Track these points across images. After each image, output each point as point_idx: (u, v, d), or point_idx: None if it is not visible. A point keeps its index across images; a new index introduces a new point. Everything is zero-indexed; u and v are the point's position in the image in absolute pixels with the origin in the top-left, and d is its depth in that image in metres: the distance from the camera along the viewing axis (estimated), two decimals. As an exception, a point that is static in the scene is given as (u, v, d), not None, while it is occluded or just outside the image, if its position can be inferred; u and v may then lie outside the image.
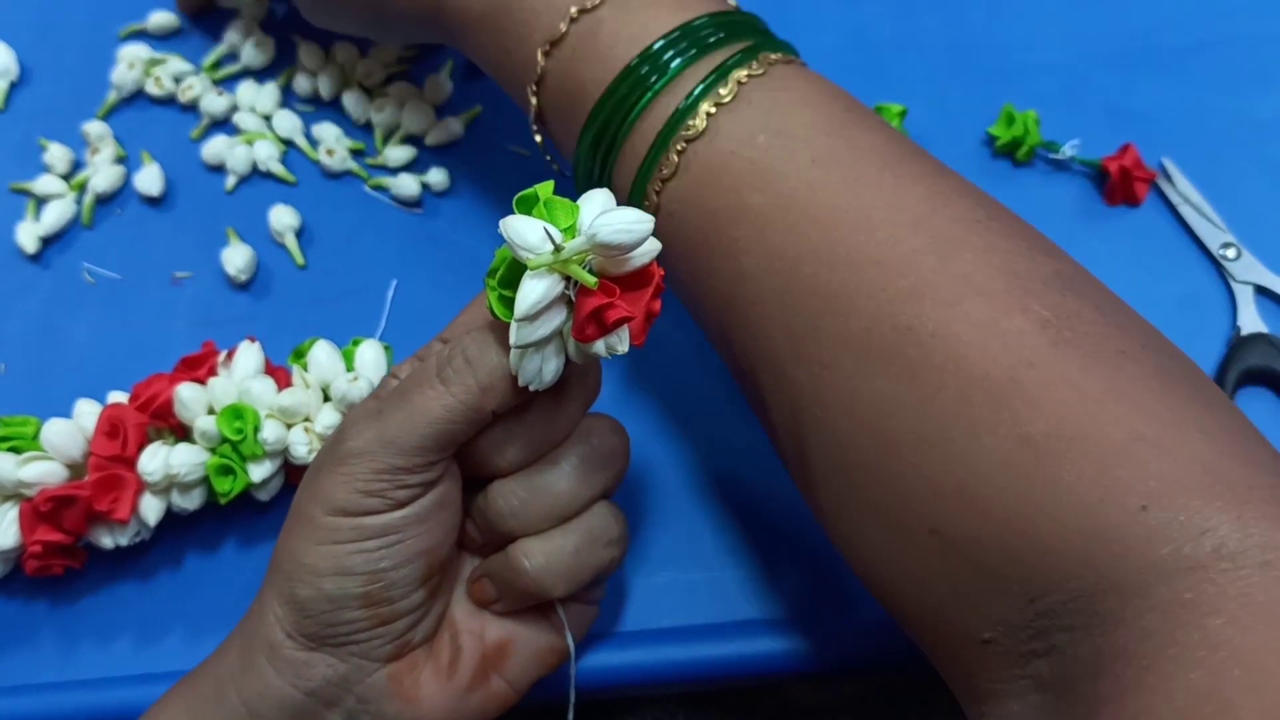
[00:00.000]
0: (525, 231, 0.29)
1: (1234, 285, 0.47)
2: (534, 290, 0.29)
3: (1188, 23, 0.53)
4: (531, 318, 0.29)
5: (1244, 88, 0.52)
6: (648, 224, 0.28)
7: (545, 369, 0.31)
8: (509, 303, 0.30)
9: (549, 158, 0.42)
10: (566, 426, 0.35)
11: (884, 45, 0.54)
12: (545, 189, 0.30)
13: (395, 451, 0.32)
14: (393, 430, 0.32)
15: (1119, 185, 0.48)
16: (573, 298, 0.30)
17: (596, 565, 0.35)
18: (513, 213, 0.30)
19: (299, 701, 0.33)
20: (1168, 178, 0.49)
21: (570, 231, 0.30)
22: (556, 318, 0.30)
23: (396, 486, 0.32)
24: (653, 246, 0.30)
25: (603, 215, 0.28)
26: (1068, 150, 0.49)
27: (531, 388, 0.32)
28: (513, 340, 0.30)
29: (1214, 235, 0.48)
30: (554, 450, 0.35)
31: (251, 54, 0.54)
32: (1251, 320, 0.45)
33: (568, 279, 0.30)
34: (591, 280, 0.29)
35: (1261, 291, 0.46)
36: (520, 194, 0.30)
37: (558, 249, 0.29)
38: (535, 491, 0.34)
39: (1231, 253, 0.47)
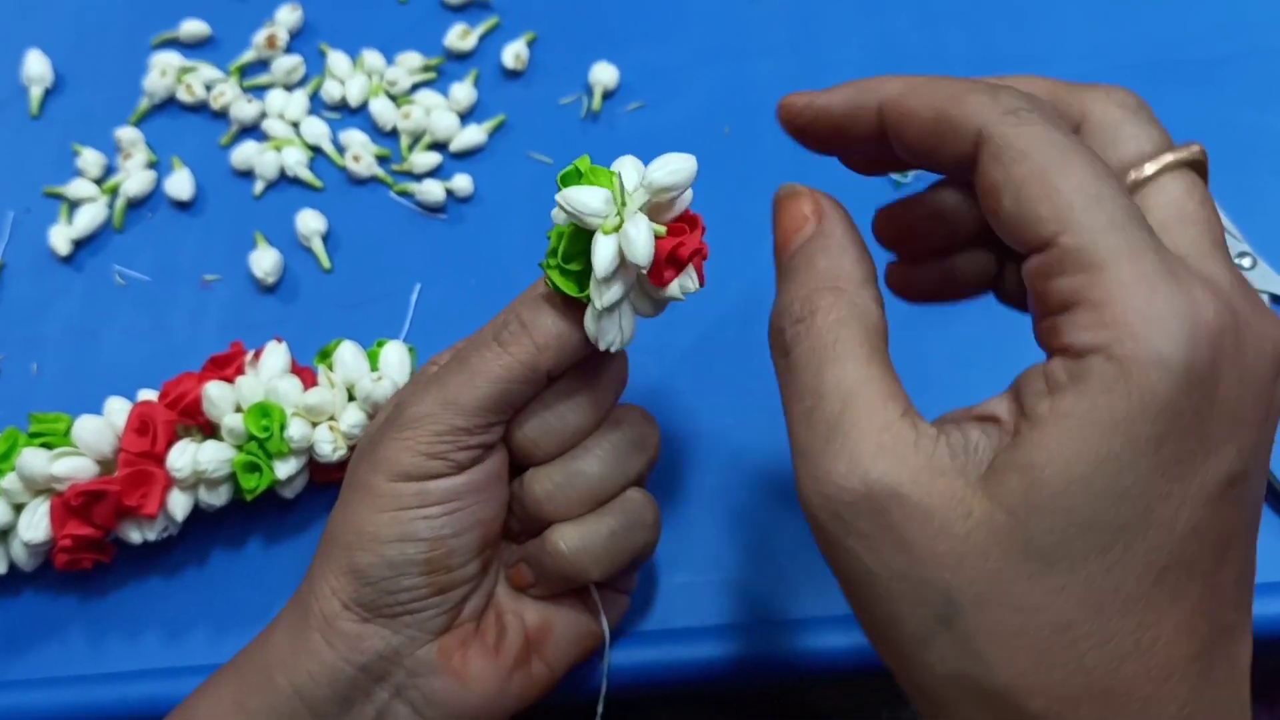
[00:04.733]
0: (587, 199, 0.30)
1: (1251, 295, 0.47)
2: (608, 249, 0.30)
3: (1209, 36, 0.54)
4: (609, 278, 0.31)
5: (1264, 100, 0.52)
6: (693, 162, 0.30)
7: (624, 327, 0.33)
8: (573, 276, 0.32)
9: None
10: (598, 415, 0.36)
11: (910, 57, 0.54)
12: (583, 162, 0.32)
13: (456, 412, 0.33)
14: (453, 391, 0.33)
15: (1136, 195, 0.49)
16: None
17: (631, 549, 0.36)
18: (556, 196, 0.32)
19: (350, 676, 0.34)
20: (1185, 188, 0.49)
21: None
22: (628, 275, 0.32)
23: (458, 448, 0.33)
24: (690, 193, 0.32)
25: (654, 162, 0.30)
26: (1086, 160, 0.49)
27: (613, 349, 0.33)
28: (597, 303, 0.32)
29: (1230, 245, 0.48)
30: (588, 439, 0.36)
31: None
32: (1268, 329, 0.46)
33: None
34: (661, 230, 0.31)
35: (1277, 301, 0.46)
36: (562, 172, 0.32)
37: (623, 204, 0.30)
38: (570, 475, 0.35)
39: (1247, 262, 0.47)
